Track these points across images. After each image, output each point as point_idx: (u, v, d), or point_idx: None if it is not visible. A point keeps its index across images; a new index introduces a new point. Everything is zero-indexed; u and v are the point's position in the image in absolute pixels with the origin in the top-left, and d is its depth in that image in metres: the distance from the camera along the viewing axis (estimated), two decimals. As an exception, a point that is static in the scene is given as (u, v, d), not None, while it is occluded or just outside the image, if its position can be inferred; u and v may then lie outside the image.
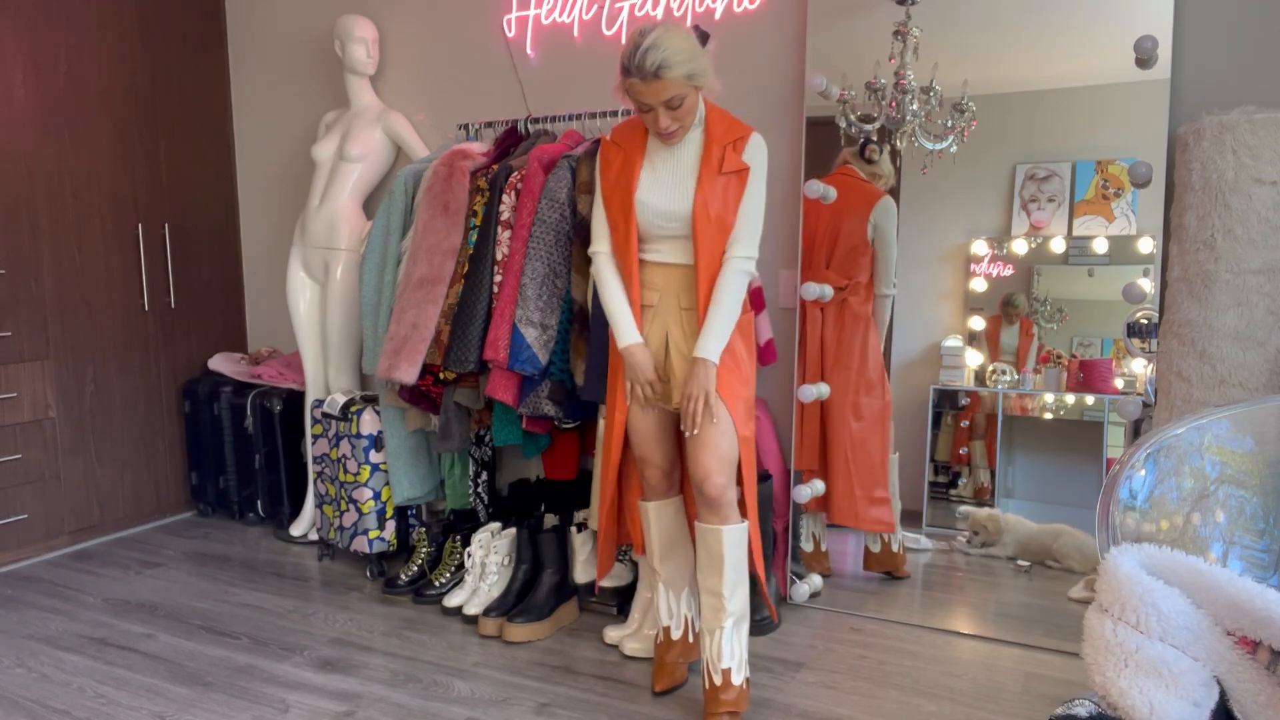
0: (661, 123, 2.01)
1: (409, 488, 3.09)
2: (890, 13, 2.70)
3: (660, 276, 2.18)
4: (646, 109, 2.01)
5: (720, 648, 2.13)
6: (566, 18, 3.22)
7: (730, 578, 2.12)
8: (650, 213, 2.11)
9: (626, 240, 2.15)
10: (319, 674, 2.42)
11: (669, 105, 1.98)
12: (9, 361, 3.26)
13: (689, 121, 2.06)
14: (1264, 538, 1.43)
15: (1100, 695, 1.16)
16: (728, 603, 2.13)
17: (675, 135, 2.06)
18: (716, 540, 2.10)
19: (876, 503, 2.79)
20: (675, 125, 2.03)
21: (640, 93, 1.97)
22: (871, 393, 2.78)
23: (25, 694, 2.33)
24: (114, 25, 3.55)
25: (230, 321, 4.09)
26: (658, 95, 1.96)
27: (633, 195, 2.11)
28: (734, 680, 2.12)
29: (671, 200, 2.10)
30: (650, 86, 1.95)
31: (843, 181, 2.79)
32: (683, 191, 2.09)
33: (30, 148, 3.30)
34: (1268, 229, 2.03)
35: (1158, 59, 2.37)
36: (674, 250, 2.15)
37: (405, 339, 2.77)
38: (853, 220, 2.76)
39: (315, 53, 3.81)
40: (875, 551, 2.85)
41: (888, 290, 2.76)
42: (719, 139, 2.09)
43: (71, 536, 3.51)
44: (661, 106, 1.98)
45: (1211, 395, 2.05)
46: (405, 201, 3.00)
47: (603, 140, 2.23)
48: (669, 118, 2.00)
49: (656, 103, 1.98)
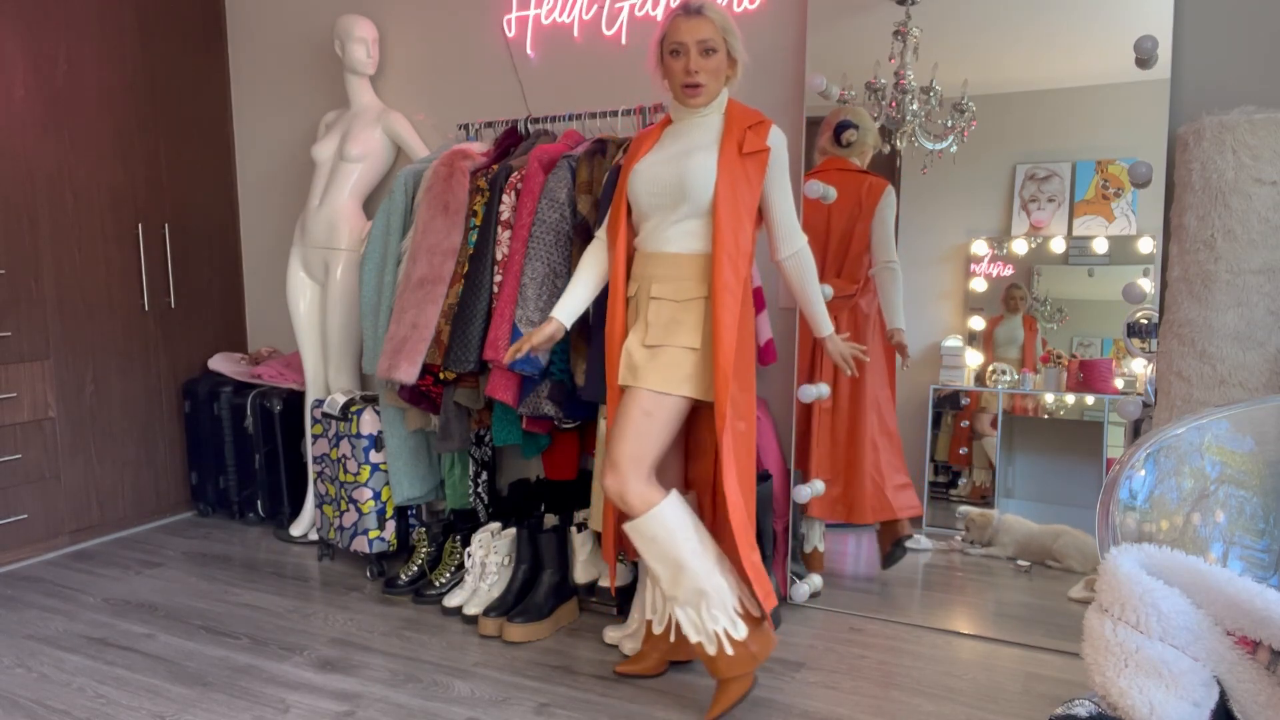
0: (692, 64, 2.07)
1: (409, 488, 3.09)
2: (890, 13, 2.70)
3: (640, 265, 2.20)
4: (680, 51, 2.08)
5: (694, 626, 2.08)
6: (566, 18, 3.22)
7: (660, 568, 2.07)
8: (642, 181, 2.15)
9: (617, 213, 2.22)
10: (319, 674, 2.42)
11: (702, 46, 2.07)
12: (9, 361, 3.26)
13: (714, 87, 2.12)
14: (1264, 538, 1.43)
15: (1100, 695, 1.16)
16: (671, 588, 2.08)
17: (699, 92, 2.10)
18: (632, 533, 2.08)
19: (901, 489, 2.79)
20: (701, 74, 2.07)
21: (679, 30, 2.08)
22: (887, 388, 2.79)
23: (25, 694, 2.33)
24: (114, 25, 3.55)
25: (230, 321, 4.09)
26: (695, 32, 2.07)
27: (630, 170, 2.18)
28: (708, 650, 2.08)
29: (666, 169, 2.12)
30: (691, 22, 2.07)
31: (841, 179, 2.77)
32: (680, 160, 2.11)
33: (30, 148, 3.30)
34: (1268, 229, 2.03)
35: (1158, 59, 2.37)
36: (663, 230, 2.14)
37: (405, 339, 2.77)
38: (863, 225, 2.76)
39: (315, 53, 3.81)
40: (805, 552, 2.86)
41: (887, 260, 2.73)
42: (738, 122, 2.13)
43: (71, 536, 3.51)
44: (695, 45, 2.06)
45: (1211, 395, 2.05)
46: (405, 201, 3.00)
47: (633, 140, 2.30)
48: (699, 62, 2.07)
49: (692, 40, 2.06)
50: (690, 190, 2.08)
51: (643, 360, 2.10)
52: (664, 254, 2.15)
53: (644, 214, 2.18)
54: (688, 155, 2.11)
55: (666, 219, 2.14)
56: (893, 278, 2.74)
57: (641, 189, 2.16)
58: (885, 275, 2.75)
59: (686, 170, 2.08)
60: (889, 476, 2.79)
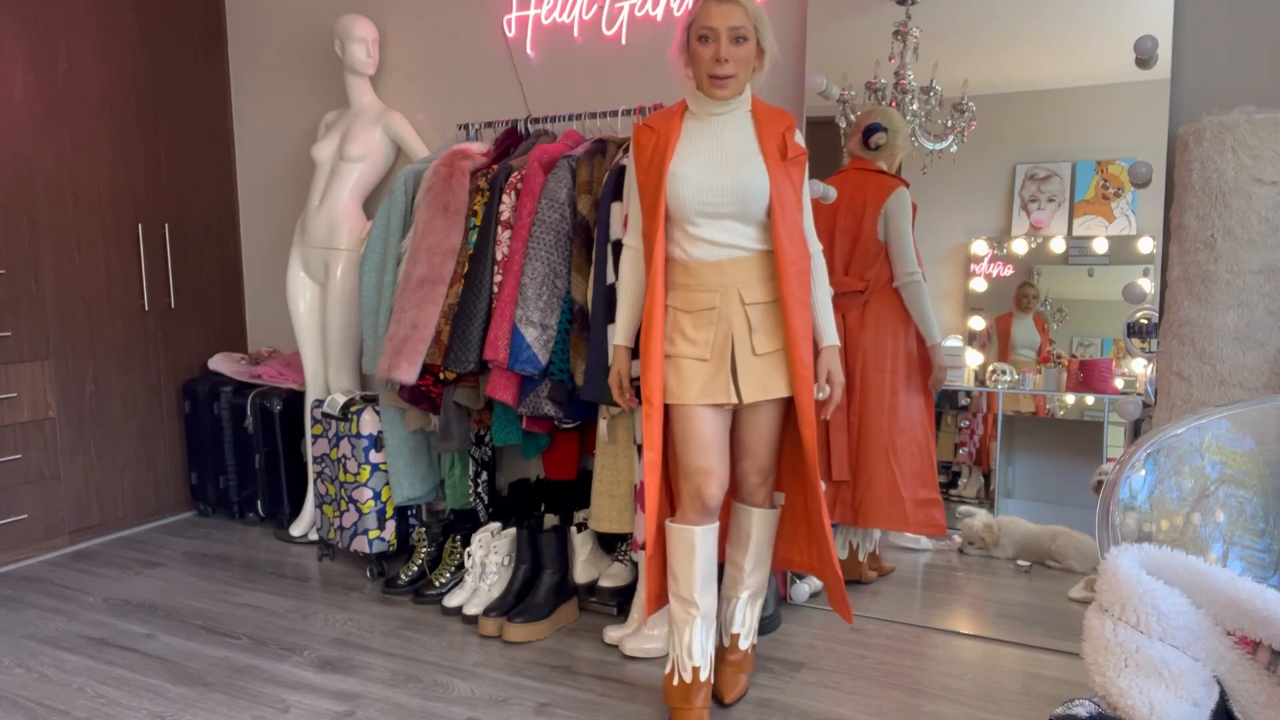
0: (722, 51, 1.99)
1: (409, 488, 3.09)
2: (890, 13, 2.70)
3: (716, 274, 2.07)
4: (710, 37, 2.00)
5: (734, 613, 2.27)
6: (566, 18, 3.22)
7: (753, 556, 2.23)
8: (695, 188, 2.02)
9: (654, 217, 2.07)
10: (319, 674, 2.42)
11: (734, 33, 1.99)
12: (9, 361, 3.26)
13: (743, 78, 2.05)
14: (1264, 538, 1.43)
15: (1100, 695, 1.16)
16: (747, 576, 2.25)
17: (727, 83, 2.02)
18: (749, 520, 2.21)
19: (923, 504, 2.72)
20: (730, 64, 2.00)
21: (711, 15, 1.99)
22: (911, 391, 2.74)
23: (25, 694, 2.33)
24: (114, 25, 3.55)
25: (230, 321, 4.10)
26: (727, 18, 1.98)
27: (665, 171, 2.04)
28: (741, 645, 2.28)
29: (722, 173, 2.03)
30: (724, 7, 1.98)
31: (857, 177, 2.73)
32: (735, 167, 2.03)
33: (30, 148, 3.30)
34: (1268, 229, 2.02)
35: (1158, 59, 2.37)
36: (726, 236, 2.06)
37: (405, 339, 2.77)
38: (869, 221, 2.72)
39: (315, 53, 3.81)
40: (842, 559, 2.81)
41: (909, 271, 2.67)
42: (772, 123, 2.09)
43: (71, 536, 3.51)
44: (726, 32, 1.98)
45: (1211, 395, 2.05)
46: (405, 201, 3.00)
47: (636, 127, 2.15)
48: (729, 50, 1.99)
49: (724, 26, 1.98)
50: (749, 203, 2.03)
51: (764, 370, 2.08)
52: (739, 258, 2.07)
53: (689, 219, 2.06)
54: (739, 164, 2.03)
55: (723, 224, 2.05)
56: (918, 292, 2.66)
57: (690, 195, 2.03)
58: (909, 291, 2.67)
59: (744, 182, 2.02)
60: (911, 488, 2.71)
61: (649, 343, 2.06)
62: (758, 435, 2.15)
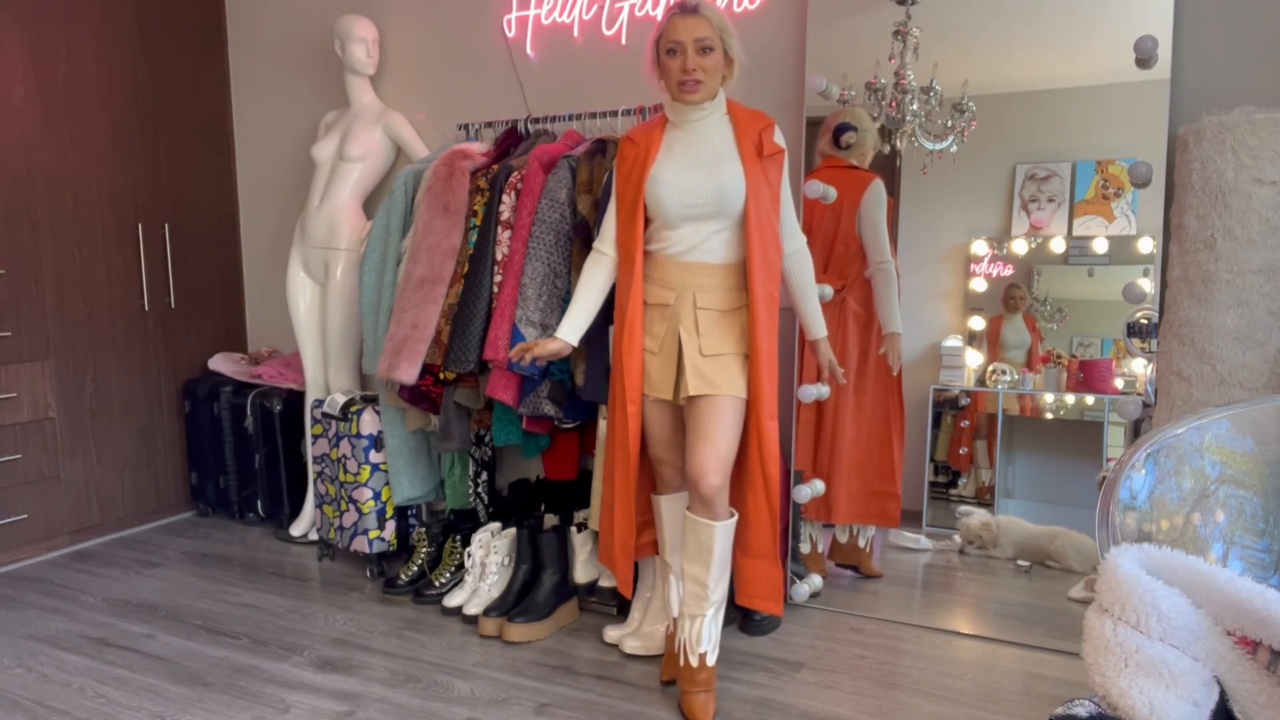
0: (689, 62, 2.07)
1: (409, 488, 3.09)
2: (890, 13, 2.70)
3: (678, 274, 2.17)
4: (677, 50, 2.08)
5: (700, 633, 2.19)
6: (566, 18, 3.22)
7: (715, 570, 2.18)
8: (675, 190, 2.12)
9: (633, 225, 2.17)
10: (319, 674, 2.42)
11: (699, 45, 2.07)
12: (9, 361, 3.26)
13: (711, 86, 2.11)
14: (1264, 538, 1.43)
15: (1100, 695, 1.16)
16: (711, 592, 2.19)
17: (696, 89, 2.09)
18: (708, 534, 2.15)
19: (878, 495, 2.79)
20: (698, 73, 2.07)
21: (676, 29, 2.08)
22: (878, 390, 2.77)
23: (25, 694, 2.33)
24: (114, 25, 3.55)
25: (230, 321, 4.09)
26: (691, 31, 2.07)
27: (645, 177, 2.14)
28: (708, 662, 2.21)
29: (700, 176, 2.11)
30: (687, 21, 2.08)
31: (832, 175, 2.76)
32: (712, 169, 2.11)
33: (30, 148, 3.30)
34: (1268, 229, 2.02)
35: (1158, 59, 2.37)
36: (702, 240, 2.14)
37: (405, 339, 2.77)
38: (847, 219, 2.76)
39: (315, 53, 3.81)
40: (842, 542, 2.85)
41: (880, 260, 2.71)
42: (749, 125, 2.15)
43: (71, 536, 3.51)
44: (692, 44, 2.06)
45: (1211, 395, 2.05)
46: (405, 201, 3.00)
47: (621, 140, 2.26)
48: (696, 60, 2.07)
49: (689, 39, 2.07)
50: (728, 202, 2.11)
51: (710, 369, 2.14)
52: (706, 264, 2.16)
53: (670, 223, 2.15)
54: (717, 165, 2.11)
55: (702, 229, 2.14)
56: (886, 279, 2.72)
57: (671, 199, 2.12)
58: (878, 277, 2.73)
59: (723, 183, 2.10)
60: (868, 482, 2.79)
61: (629, 345, 2.17)
62: (715, 418, 2.13)
